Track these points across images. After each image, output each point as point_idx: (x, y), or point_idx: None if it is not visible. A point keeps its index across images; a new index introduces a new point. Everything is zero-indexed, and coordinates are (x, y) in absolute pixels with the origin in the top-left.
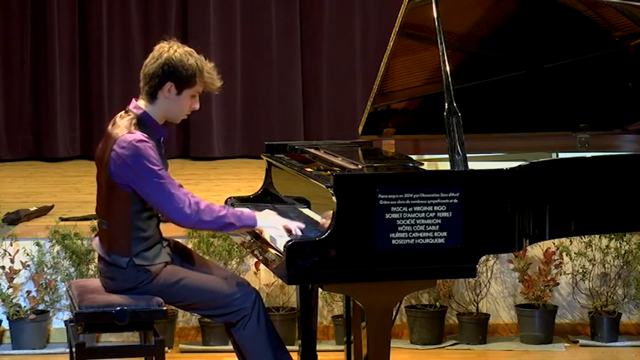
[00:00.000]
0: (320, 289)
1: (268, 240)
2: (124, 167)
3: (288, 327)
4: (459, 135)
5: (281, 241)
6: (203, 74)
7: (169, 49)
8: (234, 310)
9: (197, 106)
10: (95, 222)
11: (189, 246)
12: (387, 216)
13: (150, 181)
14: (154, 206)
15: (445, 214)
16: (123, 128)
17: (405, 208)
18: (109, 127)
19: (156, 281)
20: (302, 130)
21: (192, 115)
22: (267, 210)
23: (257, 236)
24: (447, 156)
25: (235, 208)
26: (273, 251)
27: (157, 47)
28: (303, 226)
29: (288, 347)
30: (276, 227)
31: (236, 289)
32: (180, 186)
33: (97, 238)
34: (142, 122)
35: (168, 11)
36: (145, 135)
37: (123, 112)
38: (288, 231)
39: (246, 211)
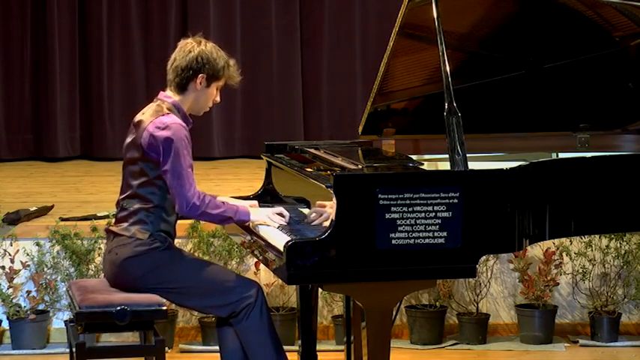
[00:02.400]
0: (320, 289)
1: (254, 229)
2: (157, 145)
3: (288, 327)
4: (459, 135)
5: (264, 229)
6: (230, 68)
7: (200, 44)
8: (239, 299)
9: (219, 99)
10: (95, 222)
11: (189, 246)
12: (387, 216)
13: (174, 165)
14: (169, 189)
15: (445, 214)
16: (156, 113)
17: (405, 208)
18: (138, 116)
19: (169, 251)
20: (302, 130)
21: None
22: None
23: (257, 236)
24: (447, 156)
25: (232, 203)
26: (269, 250)
27: (183, 43)
28: (286, 213)
29: (288, 347)
30: (265, 221)
31: (239, 279)
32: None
33: (114, 225)
34: (174, 110)
35: (169, 11)
36: (182, 120)
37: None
38: (280, 217)
39: (241, 206)
